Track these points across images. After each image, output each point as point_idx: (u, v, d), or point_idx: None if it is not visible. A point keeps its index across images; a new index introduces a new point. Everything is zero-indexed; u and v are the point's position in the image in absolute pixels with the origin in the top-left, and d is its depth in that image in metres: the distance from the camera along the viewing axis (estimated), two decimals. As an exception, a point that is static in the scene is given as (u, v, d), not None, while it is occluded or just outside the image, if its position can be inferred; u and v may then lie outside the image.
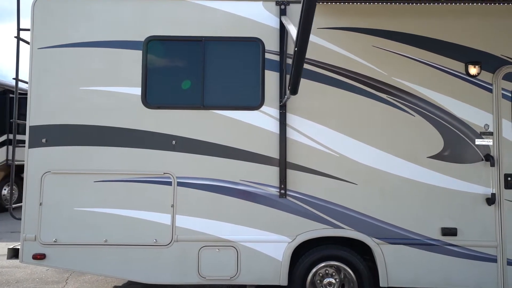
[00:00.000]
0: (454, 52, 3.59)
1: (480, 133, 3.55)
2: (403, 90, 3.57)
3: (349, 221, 3.49)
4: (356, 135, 3.54)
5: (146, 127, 3.55)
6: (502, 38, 3.59)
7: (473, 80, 3.58)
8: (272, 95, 3.57)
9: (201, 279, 3.46)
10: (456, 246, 3.47)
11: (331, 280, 3.57)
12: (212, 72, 3.60)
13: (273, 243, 3.48)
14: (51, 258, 3.45)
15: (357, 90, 3.57)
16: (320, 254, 3.52)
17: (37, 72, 3.56)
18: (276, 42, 3.61)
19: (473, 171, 3.52)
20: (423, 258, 3.47)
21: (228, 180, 3.52)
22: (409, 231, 3.49)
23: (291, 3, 3.62)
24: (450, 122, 3.56)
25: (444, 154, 3.54)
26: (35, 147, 3.53)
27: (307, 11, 2.08)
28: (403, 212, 3.50)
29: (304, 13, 2.10)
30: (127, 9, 3.62)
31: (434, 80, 3.58)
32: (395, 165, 3.52)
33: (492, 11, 3.60)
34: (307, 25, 2.14)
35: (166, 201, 3.50)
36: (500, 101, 3.57)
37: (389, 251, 3.47)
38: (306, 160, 3.52)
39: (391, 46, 3.59)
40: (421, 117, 3.57)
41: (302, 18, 2.13)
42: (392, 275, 3.46)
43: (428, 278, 3.47)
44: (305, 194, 3.50)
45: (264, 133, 3.55)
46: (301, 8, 2.18)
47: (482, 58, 3.58)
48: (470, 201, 3.50)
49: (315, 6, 2.11)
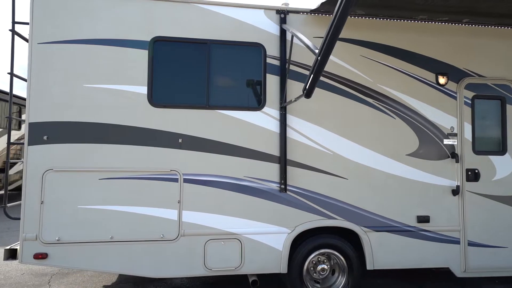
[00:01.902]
0: (427, 64, 4.15)
1: (447, 134, 4.15)
2: (386, 96, 4.06)
3: (341, 212, 3.88)
4: (347, 135, 3.95)
5: (153, 126, 3.63)
6: (465, 54, 4.23)
7: (441, 89, 4.18)
8: (273, 97, 3.85)
9: (207, 271, 3.63)
10: (428, 231, 4.02)
11: (324, 266, 3.94)
12: (217, 73, 3.78)
13: (274, 234, 3.76)
14: (53, 258, 3.39)
15: (348, 95, 3.98)
16: (315, 243, 3.87)
17: (37, 67, 3.46)
18: (277, 48, 3.89)
19: (442, 166, 4.11)
20: (403, 242, 3.97)
21: (233, 176, 3.73)
22: (391, 220, 3.98)
23: (290, 12, 3.93)
24: (424, 124, 4.11)
25: (419, 152, 4.08)
26: (36, 144, 3.43)
27: (337, 26, 2.37)
28: (386, 203, 3.98)
29: (334, 27, 2.39)
30: (133, 9, 3.66)
31: (411, 87, 4.11)
32: (380, 161, 3.99)
33: (458, 31, 4.23)
34: (333, 38, 2.44)
35: (172, 197, 3.61)
36: (462, 107, 4.20)
37: (375, 238, 3.93)
38: (304, 158, 3.85)
39: (376, 56, 4.05)
40: (400, 119, 4.08)
41: (331, 31, 2.41)
42: (377, 259, 3.92)
43: (406, 260, 3.98)
44: (303, 189, 3.83)
45: (265, 132, 3.81)
46: (332, 21, 2.46)
47: (449, 70, 4.19)
48: (440, 193, 4.08)
49: (345, 21, 2.39)
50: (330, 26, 2.45)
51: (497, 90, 4.29)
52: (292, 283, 3.80)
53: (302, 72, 3.93)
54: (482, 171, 4.15)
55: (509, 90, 4.30)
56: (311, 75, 2.79)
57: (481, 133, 4.23)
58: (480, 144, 4.21)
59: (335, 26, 2.39)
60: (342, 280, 3.91)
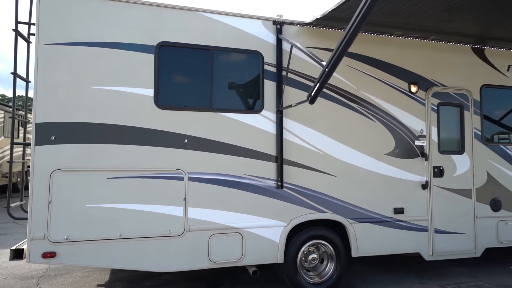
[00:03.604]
0: (402, 74, 4.72)
1: (417, 136, 4.75)
2: (368, 102, 4.56)
3: (330, 206, 4.31)
4: (335, 136, 4.38)
5: (159, 127, 3.79)
6: (432, 66, 4.86)
7: (413, 96, 4.77)
8: (271, 101, 4.17)
9: (211, 264, 3.87)
10: (403, 222, 4.58)
11: (314, 255, 4.35)
12: (219, 78, 4.03)
13: (272, 228, 4.09)
14: (62, 256, 3.44)
15: (336, 100, 4.42)
16: (308, 234, 4.25)
17: (43, 68, 3.48)
18: (273, 56, 4.22)
19: (414, 164, 4.70)
20: (382, 232, 4.49)
21: (234, 174, 4.00)
22: (372, 212, 4.48)
23: (285, 23, 4.28)
24: (398, 127, 4.67)
25: (395, 152, 4.63)
26: (43, 144, 3.46)
27: (347, 42, 2.74)
28: (368, 197, 4.47)
29: (344, 44, 2.76)
30: (139, 14, 3.79)
31: (388, 95, 4.65)
32: (362, 160, 4.47)
33: (427, 46, 4.85)
34: (342, 53, 2.81)
35: (178, 195, 3.81)
36: (430, 112, 4.83)
37: (359, 229, 4.40)
38: (298, 157, 4.23)
39: (360, 66, 4.54)
40: (379, 123, 4.60)
41: (342, 45, 2.77)
42: (361, 247, 4.39)
43: (385, 247, 4.50)
44: (298, 185, 4.20)
45: (263, 134, 4.13)
46: (343, 37, 2.82)
47: (419, 80, 4.79)
48: (412, 187, 4.66)
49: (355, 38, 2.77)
50: (340, 42, 2.84)
51: (457, 98, 4.98)
52: (288, 272, 4.15)
53: (296, 79, 4.30)
54: (446, 168, 4.80)
55: (466, 99, 5.01)
56: (317, 84, 3.16)
57: (445, 135, 4.88)
58: (444, 145, 4.87)
59: (346, 42, 2.78)
60: (331, 267, 4.34)
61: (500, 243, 4.99)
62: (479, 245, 4.88)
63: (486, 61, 5.17)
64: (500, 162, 5.08)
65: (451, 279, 4.83)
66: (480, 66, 5.13)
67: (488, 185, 4.98)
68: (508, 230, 5.03)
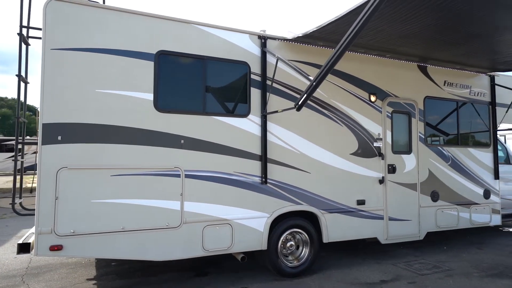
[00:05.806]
0: (364, 85, 5.53)
1: (376, 138, 5.59)
2: (336, 108, 5.29)
3: (306, 199, 4.95)
4: (310, 138, 5.04)
5: (158, 128, 4.14)
6: (387, 79, 5.75)
7: (373, 105, 5.60)
8: (256, 107, 4.71)
9: (204, 252, 4.30)
10: (364, 211, 5.39)
11: (292, 243, 4.97)
12: (212, 85, 4.47)
13: (257, 219, 4.63)
14: (68, 248, 3.65)
15: (311, 107, 5.08)
16: (287, 224, 4.86)
17: (50, 71, 3.66)
18: (259, 67, 4.76)
19: (373, 163, 5.53)
20: (347, 220, 5.24)
21: (225, 171, 4.47)
22: (339, 203, 5.21)
23: (269, 38, 4.84)
24: (361, 130, 5.47)
25: (358, 152, 5.42)
26: (49, 143, 3.64)
27: (335, 60, 3.36)
28: (336, 191, 5.19)
29: (332, 61, 3.38)
30: (141, 24, 4.11)
31: (352, 103, 5.43)
32: (332, 159, 5.19)
33: (384, 63, 5.72)
34: (330, 69, 3.43)
35: (176, 191, 4.18)
36: (385, 119, 5.70)
37: (329, 218, 5.10)
38: (279, 156, 4.81)
39: (330, 78, 5.25)
40: (346, 127, 5.35)
41: (330, 62, 3.39)
42: (331, 234, 5.10)
43: (350, 233, 5.26)
44: (279, 181, 4.78)
45: (250, 136, 4.65)
46: (332, 55, 3.44)
47: (377, 91, 5.64)
48: (371, 182, 5.49)
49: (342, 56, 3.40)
50: (329, 60, 3.46)
51: (406, 107, 5.92)
52: (270, 257, 4.71)
53: (279, 87, 4.88)
54: (398, 166, 5.70)
55: (413, 108, 5.98)
56: (304, 95, 3.76)
57: (397, 138, 5.80)
58: (396, 146, 5.77)
59: (333, 61, 3.41)
60: (306, 251, 4.99)
61: (438, 228, 6.03)
62: (422, 230, 5.87)
63: (428, 76, 6.20)
64: (438, 161, 6.13)
65: (400, 259, 5.74)
66: (424, 81, 6.14)
67: (429, 180, 5.99)
68: (444, 217, 6.10)
